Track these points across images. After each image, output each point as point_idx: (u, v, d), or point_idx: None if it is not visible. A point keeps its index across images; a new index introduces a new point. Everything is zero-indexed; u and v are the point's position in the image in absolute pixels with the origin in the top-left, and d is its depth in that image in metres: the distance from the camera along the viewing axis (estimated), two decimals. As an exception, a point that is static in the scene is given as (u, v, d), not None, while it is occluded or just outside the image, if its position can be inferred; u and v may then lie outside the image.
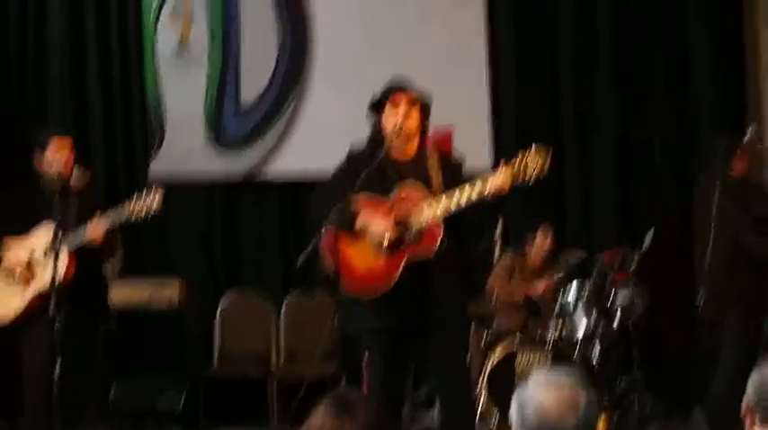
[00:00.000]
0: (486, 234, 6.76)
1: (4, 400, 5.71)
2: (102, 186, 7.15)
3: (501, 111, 7.89)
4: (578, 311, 6.57)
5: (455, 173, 4.78)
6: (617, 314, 6.60)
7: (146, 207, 5.21)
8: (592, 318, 6.52)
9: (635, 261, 6.53)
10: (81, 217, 5.27)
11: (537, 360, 6.34)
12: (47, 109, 7.77)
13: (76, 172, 5.52)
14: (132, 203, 5.23)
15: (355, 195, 4.58)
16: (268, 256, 7.89)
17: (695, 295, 5.99)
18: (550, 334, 6.57)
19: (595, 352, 6.57)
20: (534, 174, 4.54)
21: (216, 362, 7.39)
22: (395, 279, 4.53)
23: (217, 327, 7.47)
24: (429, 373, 5.38)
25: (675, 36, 7.89)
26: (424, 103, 4.78)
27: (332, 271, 4.54)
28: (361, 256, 4.62)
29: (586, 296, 6.57)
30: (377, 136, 4.76)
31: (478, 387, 6.25)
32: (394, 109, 4.69)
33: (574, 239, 7.73)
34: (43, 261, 5.28)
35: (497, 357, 6.35)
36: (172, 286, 7.26)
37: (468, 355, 5.09)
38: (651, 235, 6.55)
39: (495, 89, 7.90)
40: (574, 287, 6.64)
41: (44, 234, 5.26)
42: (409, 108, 4.69)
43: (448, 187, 4.62)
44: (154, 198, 5.21)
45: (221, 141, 7.89)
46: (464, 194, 4.51)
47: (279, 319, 7.49)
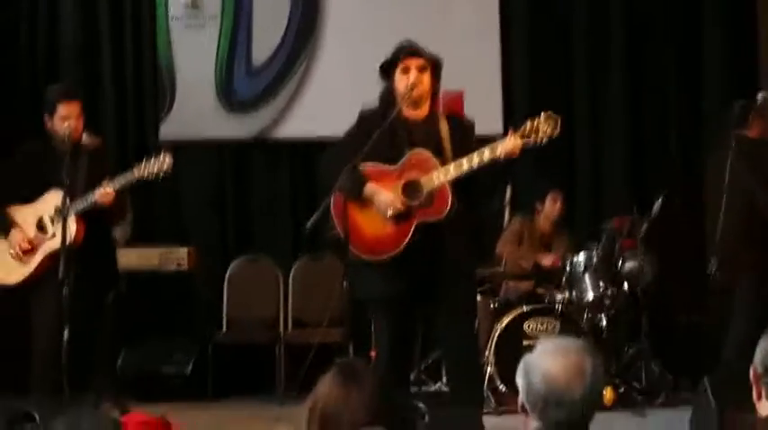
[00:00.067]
0: (496, 196, 6.75)
1: (14, 366, 5.72)
2: (112, 148, 7.15)
3: (513, 77, 7.83)
4: (587, 278, 6.56)
5: (466, 133, 4.77)
6: (625, 280, 6.61)
7: (155, 170, 5.21)
8: (600, 285, 6.52)
9: (644, 227, 6.51)
10: (91, 179, 5.28)
11: (545, 327, 6.35)
12: (58, 71, 7.77)
13: (86, 137, 5.52)
14: (142, 167, 5.23)
15: (364, 164, 4.58)
16: (278, 221, 7.88)
17: (705, 263, 5.95)
18: (559, 300, 6.58)
19: (603, 319, 6.58)
20: (544, 138, 4.55)
21: (224, 327, 7.41)
22: (405, 243, 4.54)
23: (225, 292, 7.49)
24: (437, 339, 5.39)
25: (690, 36, 7.84)
26: (435, 66, 4.76)
27: (341, 234, 4.54)
28: (370, 221, 4.62)
29: (595, 262, 6.57)
30: (388, 97, 4.75)
31: (486, 353, 6.27)
32: (404, 74, 4.68)
33: (583, 205, 7.73)
34: (52, 225, 5.29)
35: (505, 324, 6.35)
36: (181, 251, 7.29)
37: (476, 321, 5.10)
38: (661, 202, 6.52)
39: (506, 55, 7.82)
40: (582, 253, 6.64)
41: (53, 198, 5.26)
42: (419, 74, 4.68)
43: (459, 148, 4.62)
44: (164, 161, 5.22)
45: (232, 102, 7.84)
46: (474, 160, 4.51)
47: (287, 285, 7.50)
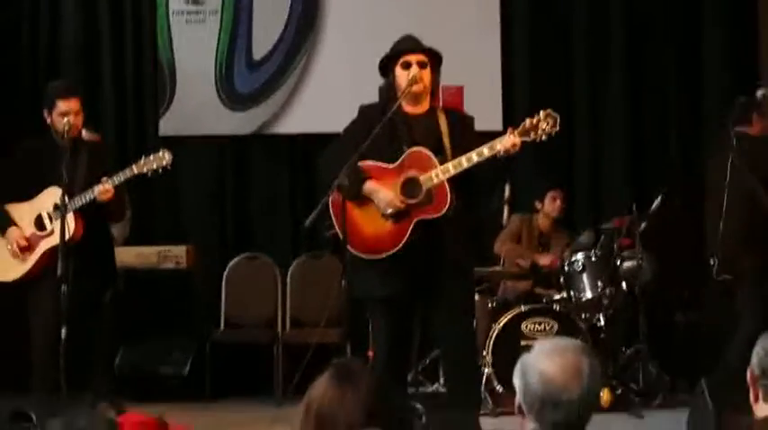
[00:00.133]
0: (495, 194, 6.75)
1: (11, 365, 5.72)
2: (111, 144, 7.16)
3: (513, 73, 7.81)
4: (585, 277, 6.56)
5: (466, 128, 4.78)
6: (623, 280, 6.60)
7: (155, 167, 5.22)
8: (598, 284, 6.52)
9: (642, 226, 6.51)
10: (90, 176, 5.28)
11: (543, 327, 6.35)
12: (59, 66, 7.77)
13: (86, 133, 5.52)
14: (141, 164, 5.23)
15: (363, 161, 4.58)
16: (277, 219, 7.88)
17: (704, 263, 5.95)
18: (557, 300, 6.58)
19: (601, 319, 6.58)
20: (543, 136, 4.56)
21: (222, 325, 7.41)
22: (404, 241, 4.55)
23: (224, 291, 7.49)
24: (435, 338, 5.39)
25: (690, 36, 7.84)
26: (435, 61, 4.77)
27: (340, 232, 4.54)
28: (368, 220, 4.63)
29: (593, 261, 6.57)
30: (388, 92, 4.76)
31: (484, 354, 6.26)
32: (404, 70, 4.69)
33: (583, 205, 7.72)
34: (51, 222, 5.29)
35: (503, 324, 6.35)
36: (180, 249, 7.29)
37: (474, 321, 5.10)
38: (659, 200, 6.53)
39: (507, 51, 7.80)
40: (581, 252, 6.63)
41: (52, 195, 5.26)
42: (420, 69, 4.68)
43: (458, 143, 4.62)
44: (163, 157, 5.22)
45: (232, 98, 7.83)
46: (473, 158, 4.52)
47: (286, 284, 7.49)
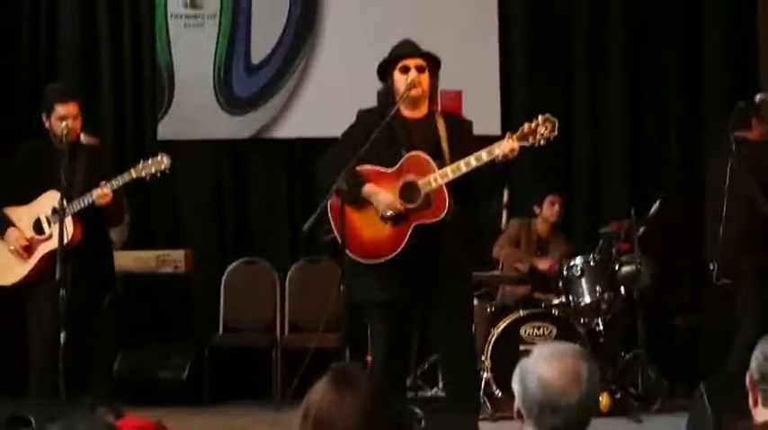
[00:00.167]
0: (494, 199, 6.75)
1: (10, 369, 5.72)
2: (110, 148, 7.15)
3: (512, 77, 7.82)
4: (583, 282, 6.56)
5: (464, 132, 4.77)
6: (622, 284, 6.60)
7: (153, 171, 5.22)
8: (597, 289, 6.52)
9: (641, 230, 6.51)
10: (89, 180, 5.28)
11: (541, 331, 6.35)
12: (57, 70, 7.77)
13: (84, 136, 5.52)
14: (139, 168, 5.23)
15: (362, 165, 4.58)
16: (276, 223, 7.87)
17: (702, 267, 5.94)
18: (555, 304, 6.57)
19: (600, 323, 6.58)
20: (542, 140, 4.55)
21: (221, 330, 7.41)
22: (402, 245, 4.54)
23: (222, 296, 7.48)
24: (434, 343, 5.38)
25: (689, 37, 7.84)
26: (434, 65, 4.77)
27: (338, 237, 4.54)
28: (367, 224, 4.62)
29: (592, 265, 6.57)
30: (386, 96, 4.76)
31: (483, 358, 6.26)
32: (403, 74, 4.69)
33: (581, 209, 7.72)
34: (49, 226, 5.29)
35: (502, 328, 6.35)
36: (178, 253, 7.29)
37: (472, 325, 5.10)
38: (658, 204, 6.52)
39: (505, 55, 7.81)
40: (579, 257, 6.64)
41: (50, 199, 5.26)
42: (418, 73, 4.68)
43: (457, 147, 4.62)
44: (161, 161, 5.22)
45: (230, 102, 7.83)
46: (472, 162, 4.51)
47: (284, 288, 7.48)
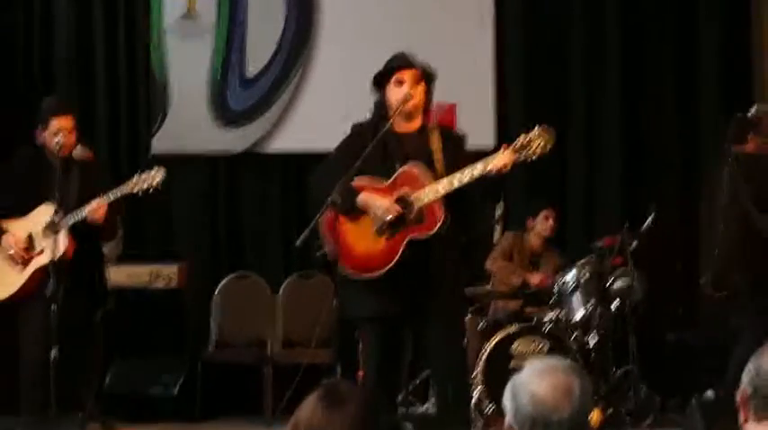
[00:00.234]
0: (487, 212, 6.75)
1: (2, 384, 5.70)
2: (104, 161, 7.14)
3: (506, 90, 7.82)
4: (576, 297, 6.56)
5: (458, 146, 4.78)
6: (615, 299, 6.60)
7: (147, 185, 5.22)
8: (589, 304, 6.52)
9: (634, 245, 6.51)
10: (82, 194, 5.28)
11: (534, 347, 6.34)
12: (53, 83, 7.77)
13: (79, 150, 5.52)
14: (133, 182, 5.23)
15: (357, 178, 4.59)
16: (269, 238, 7.87)
17: (696, 282, 5.93)
18: (547, 319, 6.57)
19: (592, 339, 6.58)
20: (538, 152, 4.55)
21: (213, 346, 7.39)
22: (395, 260, 4.54)
23: (214, 311, 7.46)
24: (425, 358, 5.38)
25: (684, 31, 7.86)
26: (429, 78, 4.77)
27: (331, 250, 4.53)
28: (360, 239, 4.62)
29: (584, 280, 6.57)
30: (381, 109, 4.77)
31: (475, 373, 6.25)
32: (397, 87, 4.70)
33: (575, 223, 7.72)
34: (43, 239, 5.28)
35: (494, 344, 6.34)
36: (171, 268, 7.27)
37: (464, 340, 5.09)
38: (651, 219, 6.52)
39: (501, 68, 7.82)
40: (572, 271, 6.63)
41: (44, 213, 5.26)
42: (413, 86, 4.69)
43: (451, 160, 4.62)
44: (156, 175, 5.22)
45: (225, 115, 7.83)
46: (466, 175, 4.52)
47: (277, 303, 7.47)
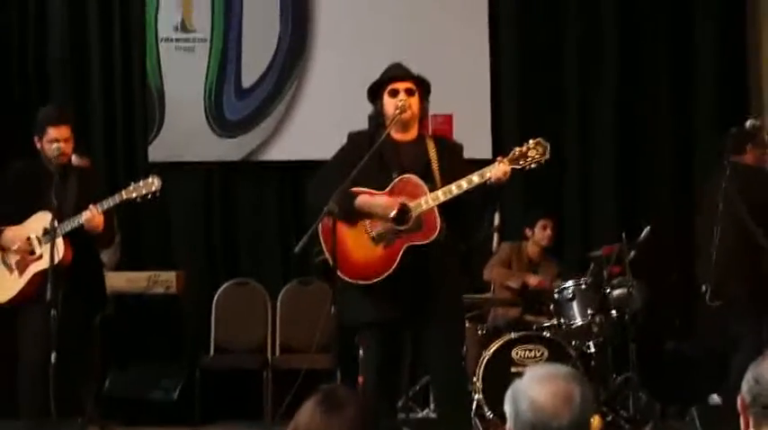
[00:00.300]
0: (485, 222, 6.76)
1: (1, 389, 5.70)
2: (101, 170, 7.16)
3: (502, 101, 7.84)
4: (575, 305, 6.56)
5: (454, 155, 4.78)
6: (613, 307, 6.60)
7: (144, 193, 5.21)
8: (588, 312, 6.52)
9: (632, 254, 6.52)
10: (79, 201, 5.28)
11: (533, 354, 6.34)
12: (48, 92, 7.77)
13: (76, 158, 5.51)
14: (130, 190, 5.23)
15: (353, 187, 4.58)
16: (267, 245, 7.87)
17: (694, 290, 5.93)
18: (547, 327, 6.57)
19: (591, 346, 6.58)
20: (534, 162, 4.57)
21: (212, 352, 7.39)
22: (393, 267, 4.54)
23: (213, 317, 7.46)
24: (425, 365, 5.37)
25: (680, 33, 7.87)
26: (423, 88, 4.77)
27: (329, 258, 4.53)
28: (358, 245, 4.62)
29: (583, 288, 6.57)
30: (377, 119, 4.76)
31: (474, 380, 6.25)
32: (392, 97, 4.70)
33: (573, 233, 7.72)
34: (40, 246, 5.28)
35: (493, 351, 6.34)
36: (170, 274, 7.27)
37: (463, 347, 5.09)
38: (649, 228, 6.54)
39: (496, 79, 7.83)
40: (571, 280, 6.64)
41: (41, 220, 5.25)
42: (408, 96, 4.69)
43: (447, 170, 4.63)
44: (152, 183, 5.22)
45: (221, 125, 7.83)
46: (463, 185, 4.52)
47: (275, 309, 7.48)
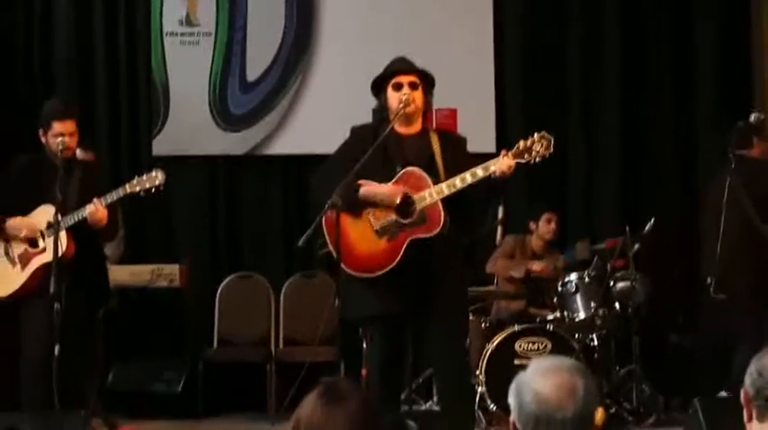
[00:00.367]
0: (489, 215, 6.76)
1: (3, 382, 5.70)
2: (105, 164, 7.16)
3: (506, 95, 7.85)
4: (578, 298, 6.57)
5: (458, 148, 4.79)
6: (617, 300, 6.61)
7: (148, 186, 5.22)
8: (592, 305, 6.52)
9: (635, 248, 6.52)
10: (83, 195, 5.28)
11: (536, 346, 6.34)
12: (53, 86, 7.77)
13: (80, 152, 5.51)
14: (134, 183, 5.23)
15: (357, 181, 4.58)
16: (270, 238, 7.87)
17: (697, 284, 5.93)
18: (550, 320, 6.57)
19: (594, 339, 6.58)
20: (539, 156, 4.57)
21: (216, 344, 7.40)
22: (397, 260, 4.54)
23: (217, 310, 7.47)
24: (428, 357, 5.38)
25: (682, 33, 7.86)
26: (427, 82, 4.78)
27: (333, 251, 4.53)
28: (362, 238, 4.62)
29: (587, 281, 6.57)
30: (381, 113, 4.77)
31: (477, 372, 6.25)
32: (396, 91, 4.70)
33: (576, 226, 7.71)
34: (43, 239, 5.28)
35: (496, 343, 6.34)
36: (173, 268, 7.27)
37: (467, 339, 5.09)
38: (652, 223, 6.54)
39: (500, 73, 7.83)
40: (574, 273, 6.65)
41: (45, 213, 5.26)
42: (411, 90, 4.69)
43: (451, 163, 4.63)
44: (156, 177, 5.22)
45: (226, 118, 7.83)
46: (467, 179, 4.52)
47: (279, 302, 7.48)
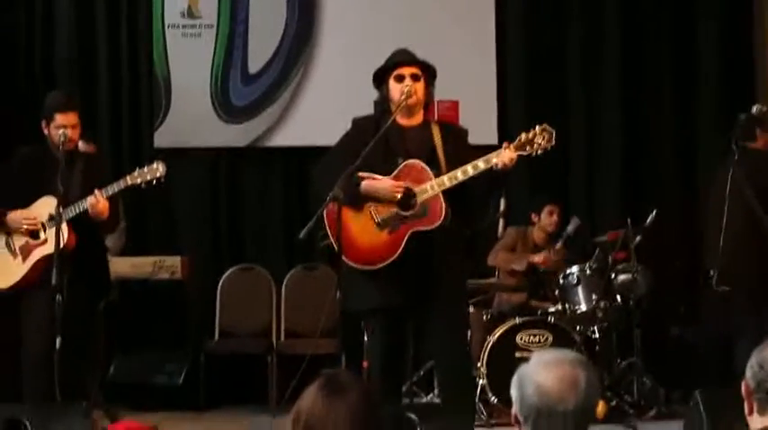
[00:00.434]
0: (490, 207, 6.76)
1: (5, 373, 5.70)
2: (107, 156, 7.16)
3: (508, 88, 7.85)
4: (580, 290, 6.57)
5: (459, 140, 4.79)
6: (618, 293, 6.61)
7: (149, 178, 5.22)
8: (593, 297, 6.52)
9: (637, 240, 6.52)
10: (85, 187, 5.28)
11: (537, 339, 6.35)
12: (54, 78, 7.77)
13: (82, 144, 5.51)
14: (135, 175, 5.23)
15: (358, 173, 4.58)
16: (272, 230, 7.88)
17: (698, 276, 5.93)
18: (551, 313, 6.57)
19: (596, 331, 6.58)
20: (541, 148, 4.57)
21: (217, 336, 7.40)
22: (398, 252, 4.55)
23: (218, 302, 7.47)
24: (429, 350, 5.38)
25: (683, 33, 7.86)
26: (429, 74, 4.77)
27: (334, 244, 4.53)
28: (363, 231, 4.63)
29: (588, 274, 6.57)
30: (382, 105, 4.76)
31: (479, 365, 6.25)
32: (398, 83, 4.70)
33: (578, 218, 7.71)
34: (44, 231, 5.28)
35: (498, 336, 6.34)
36: (175, 260, 7.27)
37: (468, 332, 5.09)
38: (654, 215, 6.54)
39: (502, 65, 7.83)
40: (576, 265, 6.65)
41: (46, 205, 5.26)
42: (413, 82, 4.69)
43: (452, 155, 4.63)
44: (157, 169, 5.22)
45: (227, 111, 7.83)
46: (468, 171, 4.52)
47: (280, 295, 7.48)
